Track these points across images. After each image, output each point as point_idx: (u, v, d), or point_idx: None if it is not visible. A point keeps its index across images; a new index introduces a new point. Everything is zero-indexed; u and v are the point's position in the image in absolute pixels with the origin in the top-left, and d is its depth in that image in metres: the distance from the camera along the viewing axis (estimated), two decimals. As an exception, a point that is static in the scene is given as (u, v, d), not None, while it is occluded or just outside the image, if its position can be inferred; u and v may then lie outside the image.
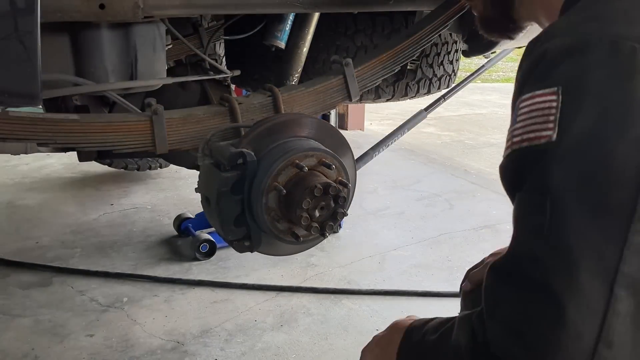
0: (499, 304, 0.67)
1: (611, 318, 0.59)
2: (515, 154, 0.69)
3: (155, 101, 1.54)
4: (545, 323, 0.61)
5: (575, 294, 0.59)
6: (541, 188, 0.64)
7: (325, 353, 2.28)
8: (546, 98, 0.65)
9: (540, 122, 0.65)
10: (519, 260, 0.66)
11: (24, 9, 1.10)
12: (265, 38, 2.35)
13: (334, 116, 6.34)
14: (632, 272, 0.59)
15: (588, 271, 0.59)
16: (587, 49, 0.64)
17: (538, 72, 0.69)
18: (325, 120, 1.58)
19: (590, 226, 0.60)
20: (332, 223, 1.36)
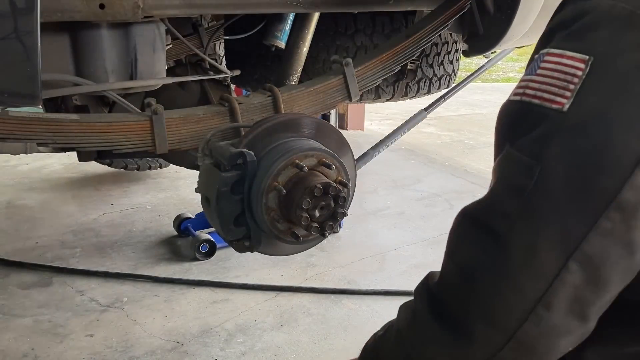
0: (462, 245, 0.71)
1: (557, 284, 0.63)
2: (523, 105, 0.69)
3: (155, 101, 1.54)
4: (497, 273, 0.65)
5: (532, 256, 0.63)
6: (537, 154, 0.64)
7: (325, 353, 2.28)
8: (574, 63, 0.64)
9: (559, 87, 0.65)
10: (491, 210, 0.68)
11: (24, 9, 1.10)
12: (265, 38, 2.35)
13: (334, 116, 6.34)
14: (592, 252, 0.62)
15: (549, 240, 0.63)
16: (634, 27, 0.62)
17: (577, 28, 0.67)
18: (325, 120, 1.58)
19: (567, 202, 0.63)
20: (332, 223, 1.36)
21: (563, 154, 0.63)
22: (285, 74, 2.15)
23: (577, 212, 0.62)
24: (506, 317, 0.65)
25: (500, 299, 0.65)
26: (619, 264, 0.64)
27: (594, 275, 0.63)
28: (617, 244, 0.63)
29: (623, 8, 0.63)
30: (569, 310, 0.64)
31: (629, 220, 0.62)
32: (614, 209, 0.61)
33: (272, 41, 2.32)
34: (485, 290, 0.66)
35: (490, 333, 0.67)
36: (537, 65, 0.69)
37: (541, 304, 0.64)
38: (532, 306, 0.64)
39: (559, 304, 0.64)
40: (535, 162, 0.64)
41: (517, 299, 0.64)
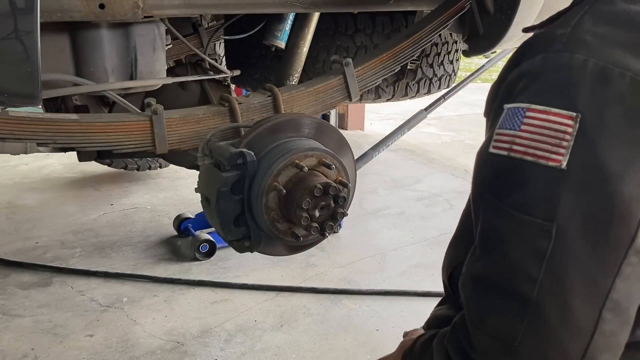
0: (488, 314, 0.71)
1: (597, 337, 0.65)
2: (512, 162, 0.70)
3: (155, 101, 1.54)
4: (536, 338, 0.66)
5: (567, 316, 0.65)
6: (549, 215, 0.66)
7: (325, 353, 2.28)
8: (562, 120, 0.66)
9: (552, 144, 0.66)
10: (515, 278, 0.68)
11: (24, 9, 1.10)
12: (265, 38, 2.35)
13: (334, 116, 6.34)
14: (619, 297, 0.65)
15: (581, 296, 0.65)
16: (608, 81, 0.66)
17: (556, 84, 0.69)
18: (325, 120, 1.58)
19: (589, 256, 0.65)
20: (332, 223, 1.36)
21: (574, 211, 0.65)
22: (285, 74, 2.15)
23: (601, 264, 0.65)
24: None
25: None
26: (638, 298, 0.68)
27: (625, 316, 0.67)
28: (636, 282, 0.66)
29: (595, 64, 0.66)
30: (613, 355, 0.67)
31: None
32: (633, 254, 0.65)
33: (272, 41, 2.32)
34: (531, 356, 0.67)
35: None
36: (520, 120, 0.70)
37: (586, 358, 0.65)
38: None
39: (602, 353, 0.66)
40: (549, 223, 0.66)
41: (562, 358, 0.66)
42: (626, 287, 0.66)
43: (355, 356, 2.28)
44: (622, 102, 0.65)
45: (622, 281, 0.65)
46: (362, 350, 2.30)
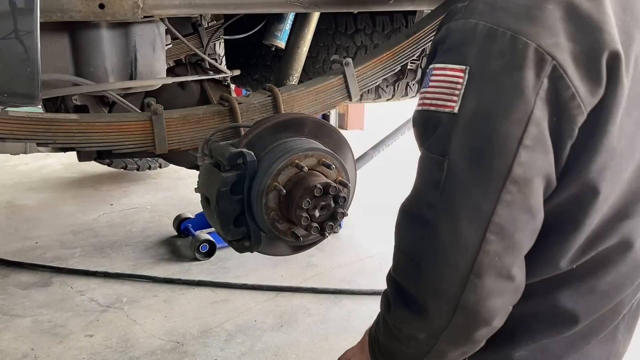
0: (403, 236, 0.85)
1: (481, 255, 0.76)
2: (424, 113, 0.84)
3: (154, 101, 1.54)
4: (433, 254, 0.79)
5: (456, 235, 0.77)
6: (442, 151, 0.79)
7: (325, 353, 2.27)
8: (456, 73, 0.79)
9: (448, 94, 0.79)
10: (419, 204, 0.82)
11: (24, 9, 1.10)
12: (265, 38, 2.35)
13: (334, 116, 6.34)
14: (502, 222, 0.76)
15: (467, 219, 0.76)
16: (493, 39, 0.77)
17: (451, 44, 0.82)
18: (325, 120, 1.58)
19: (474, 185, 0.76)
20: (332, 223, 1.36)
21: (462, 147, 0.77)
22: (285, 74, 2.15)
23: (483, 191, 0.76)
24: (448, 289, 0.78)
25: (441, 275, 0.78)
26: (526, 227, 0.77)
27: (510, 240, 0.76)
28: (521, 211, 0.76)
29: (484, 25, 0.78)
30: (498, 274, 0.77)
31: (523, 189, 0.76)
32: (510, 183, 0.75)
33: (272, 41, 2.32)
34: (428, 270, 0.80)
35: (440, 304, 0.79)
36: (428, 79, 0.84)
37: (473, 273, 0.76)
38: (466, 277, 0.76)
39: (488, 270, 0.76)
40: (443, 158, 0.78)
41: (453, 272, 0.77)
42: (509, 214, 0.75)
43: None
44: (502, 55, 0.76)
45: (504, 207, 0.75)
46: (362, 351, 2.30)
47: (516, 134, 0.75)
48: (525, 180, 0.76)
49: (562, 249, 0.83)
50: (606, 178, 0.80)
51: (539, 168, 0.76)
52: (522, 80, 0.75)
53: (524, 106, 0.75)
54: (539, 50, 0.75)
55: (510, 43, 0.76)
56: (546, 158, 0.77)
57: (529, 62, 0.75)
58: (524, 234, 0.77)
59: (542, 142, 0.76)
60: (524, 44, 0.75)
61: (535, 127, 0.75)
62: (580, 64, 0.76)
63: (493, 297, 0.78)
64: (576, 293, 0.87)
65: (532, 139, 0.75)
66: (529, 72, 0.75)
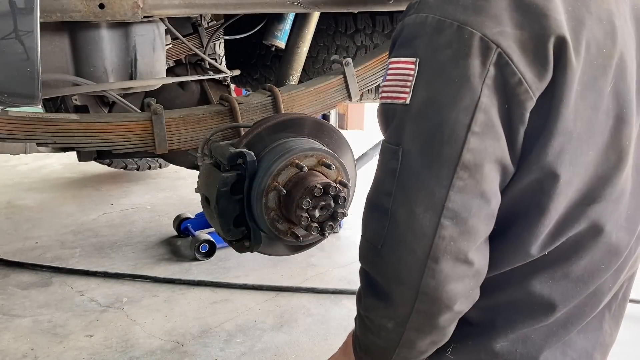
0: (367, 225, 0.87)
1: (437, 240, 0.77)
2: (383, 106, 0.86)
3: (154, 101, 1.54)
4: (393, 241, 0.81)
5: (413, 222, 0.78)
6: (397, 140, 0.81)
7: (325, 353, 2.27)
8: (408, 66, 0.81)
9: (401, 86, 0.82)
10: (379, 193, 0.84)
11: (24, 9, 1.10)
12: (265, 38, 2.35)
13: (334, 116, 6.34)
14: (456, 208, 0.77)
15: (422, 205, 0.78)
16: (441, 30, 0.79)
17: (404, 38, 0.84)
18: (325, 120, 1.58)
19: (427, 172, 0.78)
20: (332, 223, 1.36)
21: (414, 136, 0.80)
22: (285, 74, 2.15)
23: (435, 178, 0.78)
24: (409, 275, 0.79)
25: (400, 261, 0.80)
26: (480, 213, 0.79)
27: (465, 225, 0.78)
28: (474, 197, 0.78)
29: (433, 17, 0.80)
30: (455, 259, 0.78)
31: (475, 175, 0.77)
32: (461, 169, 0.77)
33: (272, 41, 2.32)
34: (389, 257, 0.81)
35: (402, 290, 0.81)
36: (386, 73, 0.86)
37: (430, 258, 0.78)
38: (424, 262, 0.78)
39: (444, 255, 0.78)
40: (397, 147, 0.81)
41: (411, 258, 0.79)
42: (462, 199, 0.77)
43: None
44: (450, 46, 0.78)
45: (456, 193, 0.77)
46: (362, 351, 2.30)
47: (464, 121, 0.76)
48: (475, 165, 0.77)
49: (530, 236, 0.84)
50: (565, 161, 0.81)
51: (489, 154, 0.78)
52: (469, 68, 0.76)
53: (471, 94, 0.76)
54: (484, 39, 0.76)
55: (457, 34, 0.78)
56: (497, 144, 0.78)
57: (474, 51, 0.76)
58: (478, 218, 0.79)
59: (491, 128, 0.77)
60: (470, 33, 0.77)
61: (483, 114, 0.77)
62: (526, 50, 0.77)
63: (452, 281, 0.79)
64: (551, 279, 0.88)
65: (480, 126, 0.77)
66: (475, 60, 0.76)
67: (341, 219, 1.37)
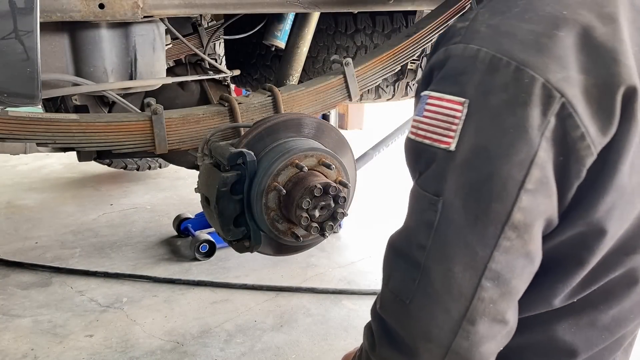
0: (392, 274, 0.80)
1: (476, 302, 0.72)
2: (417, 145, 0.78)
3: (154, 101, 1.54)
4: (425, 298, 0.74)
5: (450, 281, 0.72)
6: (436, 190, 0.74)
7: (325, 353, 2.27)
8: (454, 106, 0.73)
9: (444, 128, 0.73)
10: (410, 244, 0.77)
11: (24, 8, 1.10)
12: (265, 38, 2.35)
13: (334, 116, 6.33)
14: (499, 269, 0.71)
15: (462, 264, 0.71)
16: (496, 70, 0.70)
17: (449, 72, 0.75)
18: (325, 120, 1.58)
19: (470, 229, 0.71)
20: (332, 223, 1.36)
21: (458, 188, 0.72)
22: (285, 74, 2.15)
23: (480, 236, 0.71)
24: (440, 334, 0.73)
25: (432, 319, 0.74)
26: (524, 273, 0.73)
27: (507, 287, 0.72)
28: (519, 257, 0.72)
29: (486, 53, 0.71)
30: (492, 320, 0.73)
31: (523, 235, 0.71)
32: (510, 229, 0.70)
33: (272, 41, 2.32)
34: (419, 313, 0.75)
35: (430, 347, 0.75)
36: (423, 107, 0.77)
37: (466, 320, 0.72)
38: (459, 323, 0.72)
39: (482, 317, 0.72)
40: (437, 198, 0.73)
41: (445, 318, 0.73)
42: (507, 260, 0.71)
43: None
44: (505, 89, 0.69)
45: (501, 254, 0.71)
46: (362, 351, 2.30)
47: (517, 177, 0.69)
48: (525, 225, 0.71)
49: (561, 287, 0.79)
50: (614, 217, 0.74)
51: (540, 212, 0.71)
52: (527, 119, 0.68)
53: (528, 148, 0.68)
54: (547, 86, 0.68)
55: (514, 76, 0.69)
56: (549, 201, 0.71)
57: (534, 99, 0.68)
58: (521, 279, 0.73)
59: (545, 186, 0.70)
60: (530, 78, 0.68)
61: (539, 170, 0.69)
62: (591, 99, 0.69)
63: (486, 342, 0.74)
64: (576, 326, 0.83)
65: (534, 183, 0.69)
66: (535, 110, 0.68)
67: (341, 219, 1.37)
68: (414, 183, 0.80)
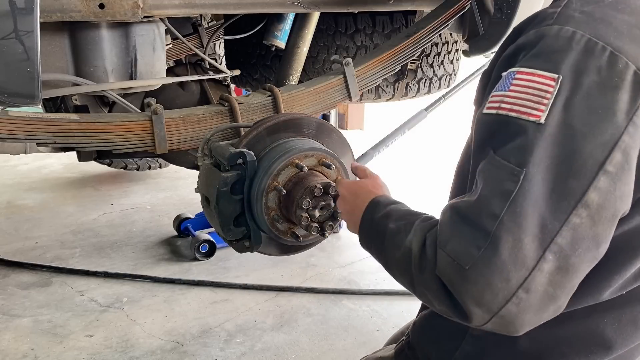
0: (453, 238, 0.79)
1: (535, 272, 0.73)
2: (500, 118, 0.79)
3: (154, 101, 1.54)
4: (487, 266, 0.74)
5: (517, 250, 0.73)
6: (520, 161, 0.75)
7: (325, 353, 2.27)
8: (546, 81, 0.75)
9: (535, 101, 0.75)
10: (481, 211, 0.77)
11: (24, 8, 1.10)
12: (265, 38, 2.35)
13: (334, 116, 6.33)
14: (563, 243, 0.73)
15: (532, 235, 0.73)
16: (591, 52, 0.74)
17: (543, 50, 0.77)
18: (325, 120, 1.58)
19: (545, 201, 0.73)
20: (332, 223, 1.36)
21: (541, 160, 0.74)
22: (285, 74, 2.15)
23: (552, 208, 0.73)
24: (493, 300, 0.74)
25: (488, 286, 0.74)
26: (586, 254, 0.74)
27: (565, 263, 0.74)
28: (585, 237, 0.73)
29: (582, 35, 0.75)
30: (544, 292, 0.74)
31: (594, 216, 0.73)
32: (582, 206, 0.72)
33: (272, 41, 2.32)
34: (476, 280, 0.75)
35: (479, 312, 0.76)
36: (509, 82, 0.79)
37: (522, 288, 0.73)
38: (514, 291, 0.73)
39: (537, 287, 0.74)
40: (520, 169, 0.74)
41: (503, 286, 0.73)
42: (573, 237, 0.73)
43: (355, 356, 2.27)
44: (599, 72, 0.73)
45: (569, 229, 0.73)
46: (362, 351, 2.30)
47: (599, 157, 0.72)
48: (598, 206, 0.73)
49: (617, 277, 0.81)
50: None
51: (616, 197, 0.73)
52: (616, 102, 0.72)
53: (613, 130, 0.72)
54: (638, 74, 0.72)
55: (609, 60, 0.73)
56: (627, 188, 0.74)
57: (626, 85, 0.72)
58: (582, 259, 0.74)
59: (627, 172, 0.73)
60: (624, 64, 0.72)
61: (622, 154, 0.72)
62: None
63: (532, 311, 0.75)
64: (618, 322, 0.85)
65: (615, 166, 0.72)
66: (625, 94, 0.72)
67: (341, 219, 1.37)
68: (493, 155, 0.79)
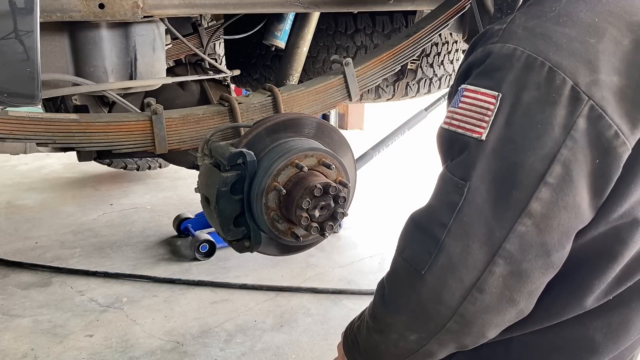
0: (409, 245, 0.86)
1: (486, 274, 0.77)
2: (451, 134, 0.84)
3: (154, 101, 1.53)
4: (440, 270, 0.80)
5: (467, 255, 0.78)
6: (464, 175, 0.79)
7: (325, 353, 2.27)
8: (487, 98, 0.79)
9: (477, 119, 0.79)
10: (431, 221, 0.82)
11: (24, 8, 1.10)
12: (265, 38, 2.35)
13: (334, 116, 6.34)
14: (512, 249, 0.76)
15: (480, 242, 0.77)
16: (530, 69, 0.76)
17: (486, 68, 0.81)
18: (325, 120, 1.58)
19: (490, 211, 0.77)
20: (332, 223, 1.36)
21: (484, 174, 0.78)
22: (285, 74, 2.15)
23: (498, 219, 0.77)
24: (451, 298, 0.79)
25: (445, 286, 0.79)
26: (537, 260, 0.77)
27: (517, 268, 0.77)
28: (533, 245, 0.77)
29: (522, 52, 0.77)
30: (501, 294, 0.78)
31: (539, 224, 0.76)
32: (526, 216, 0.76)
33: (272, 41, 2.32)
34: (433, 281, 0.80)
35: (440, 309, 0.81)
36: (459, 99, 0.83)
37: (475, 288, 0.78)
38: (469, 290, 0.78)
39: (490, 288, 0.78)
40: (464, 182, 0.79)
41: (457, 285, 0.78)
42: (520, 244, 0.76)
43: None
44: (538, 88, 0.75)
45: (516, 237, 0.76)
46: (362, 351, 2.30)
47: (539, 169, 0.75)
48: (542, 215, 0.75)
49: (597, 283, 0.83)
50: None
51: (560, 208, 0.75)
52: (554, 117, 0.74)
53: (552, 144, 0.74)
54: (576, 89, 0.74)
55: (547, 76, 0.75)
56: (572, 200, 0.76)
57: (563, 100, 0.74)
58: (533, 265, 0.77)
59: (569, 184, 0.75)
60: (562, 80, 0.74)
61: (561, 166, 0.74)
62: (625, 99, 0.75)
63: (491, 312, 0.79)
64: (608, 326, 0.87)
65: (555, 177, 0.74)
66: (562, 110, 0.74)
67: (341, 219, 1.37)
68: (444, 168, 0.85)
